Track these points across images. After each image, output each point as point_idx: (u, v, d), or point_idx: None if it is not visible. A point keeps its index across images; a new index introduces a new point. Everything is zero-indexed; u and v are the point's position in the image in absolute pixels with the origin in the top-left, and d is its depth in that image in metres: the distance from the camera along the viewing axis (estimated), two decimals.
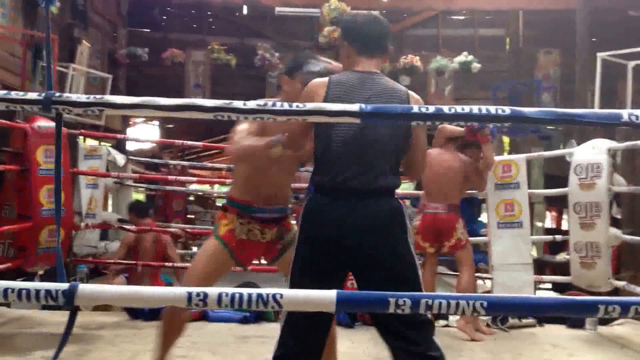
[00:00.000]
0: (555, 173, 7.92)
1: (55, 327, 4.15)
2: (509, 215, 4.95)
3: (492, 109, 1.46)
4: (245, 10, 10.24)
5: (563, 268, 6.91)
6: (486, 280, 6.43)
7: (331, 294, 1.47)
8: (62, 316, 4.33)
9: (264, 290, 1.49)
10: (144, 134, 12.24)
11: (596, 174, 4.50)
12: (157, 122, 12.28)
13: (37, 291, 1.42)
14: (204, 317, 4.74)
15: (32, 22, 6.87)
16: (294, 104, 1.61)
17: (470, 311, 1.40)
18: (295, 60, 2.65)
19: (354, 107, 1.58)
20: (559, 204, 9.52)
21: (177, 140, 6.48)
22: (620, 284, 4.66)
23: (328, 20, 7.58)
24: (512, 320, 4.81)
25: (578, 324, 4.82)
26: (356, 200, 2.16)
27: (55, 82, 6.96)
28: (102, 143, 7.59)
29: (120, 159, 6.61)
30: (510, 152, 9.17)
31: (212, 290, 1.49)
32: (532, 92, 9.54)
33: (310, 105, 1.62)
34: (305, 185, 2.65)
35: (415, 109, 1.56)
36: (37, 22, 6.88)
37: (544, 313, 1.32)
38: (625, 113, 1.31)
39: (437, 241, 4.58)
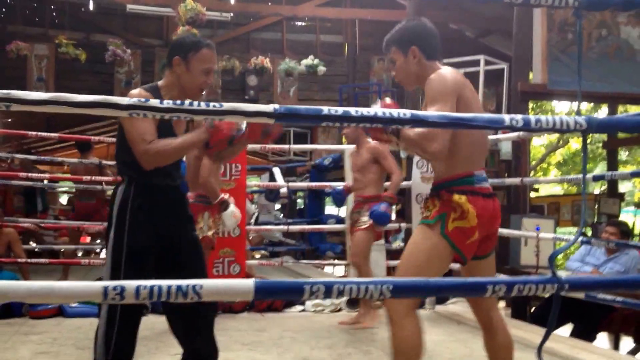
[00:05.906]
0: None
1: None
2: None
3: (395, 113, 1.63)
4: (91, 6, 9.87)
5: (398, 254, 7.47)
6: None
7: (249, 282, 1.51)
8: None
9: (183, 282, 1.49)
10: None
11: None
12: None
13: None
14: (60, 312, 4.59)
15: None
16: (211, 104, 1.68)
17: (377, 294, 1.47)
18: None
19: (269, 107, 1.68)
20: None
21: (31, 132, 5.97)
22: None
23: (184, 20, 7.49)
24: None
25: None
26: None
27: None
28: None
29: None
30: None
31: (130, 284, 1.50)
32: (370, 95, 10.18)
33: (227, 105, 1.69)
34: None
35: (325, 110, 1.70)
36: None
37: (442, 294, 1.50)
38: (507, 118, 1.54)
39: None
